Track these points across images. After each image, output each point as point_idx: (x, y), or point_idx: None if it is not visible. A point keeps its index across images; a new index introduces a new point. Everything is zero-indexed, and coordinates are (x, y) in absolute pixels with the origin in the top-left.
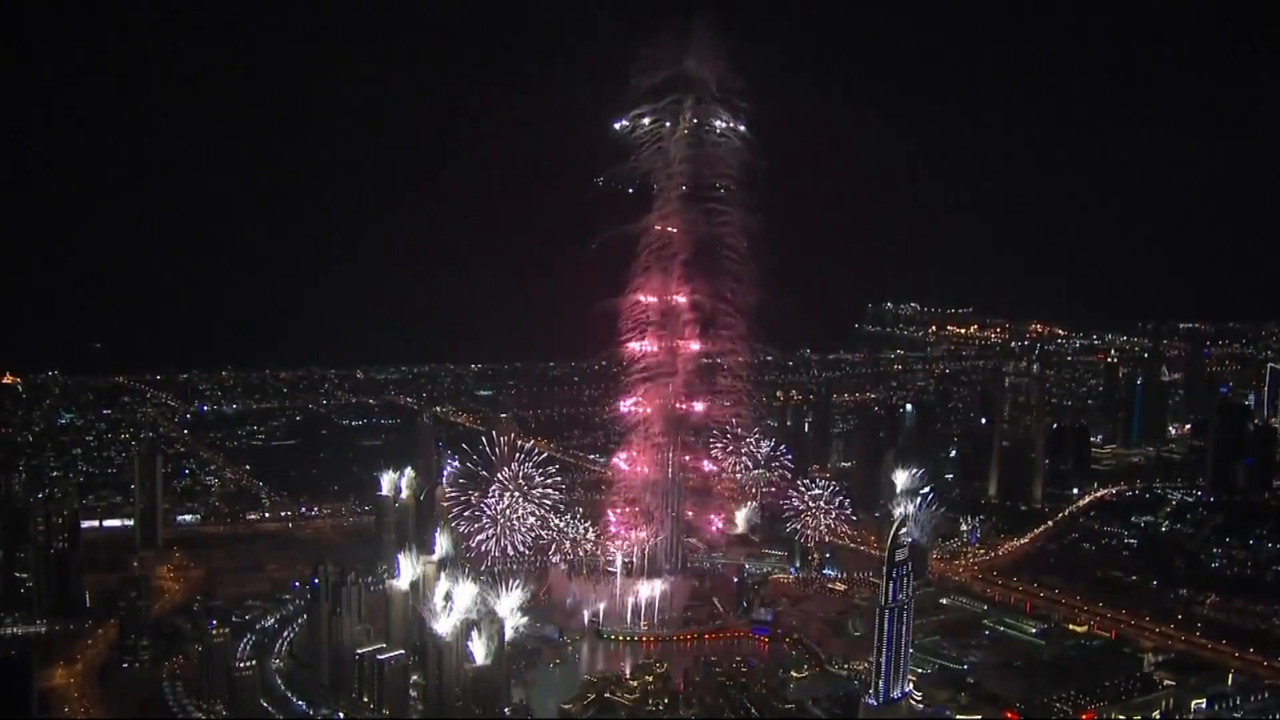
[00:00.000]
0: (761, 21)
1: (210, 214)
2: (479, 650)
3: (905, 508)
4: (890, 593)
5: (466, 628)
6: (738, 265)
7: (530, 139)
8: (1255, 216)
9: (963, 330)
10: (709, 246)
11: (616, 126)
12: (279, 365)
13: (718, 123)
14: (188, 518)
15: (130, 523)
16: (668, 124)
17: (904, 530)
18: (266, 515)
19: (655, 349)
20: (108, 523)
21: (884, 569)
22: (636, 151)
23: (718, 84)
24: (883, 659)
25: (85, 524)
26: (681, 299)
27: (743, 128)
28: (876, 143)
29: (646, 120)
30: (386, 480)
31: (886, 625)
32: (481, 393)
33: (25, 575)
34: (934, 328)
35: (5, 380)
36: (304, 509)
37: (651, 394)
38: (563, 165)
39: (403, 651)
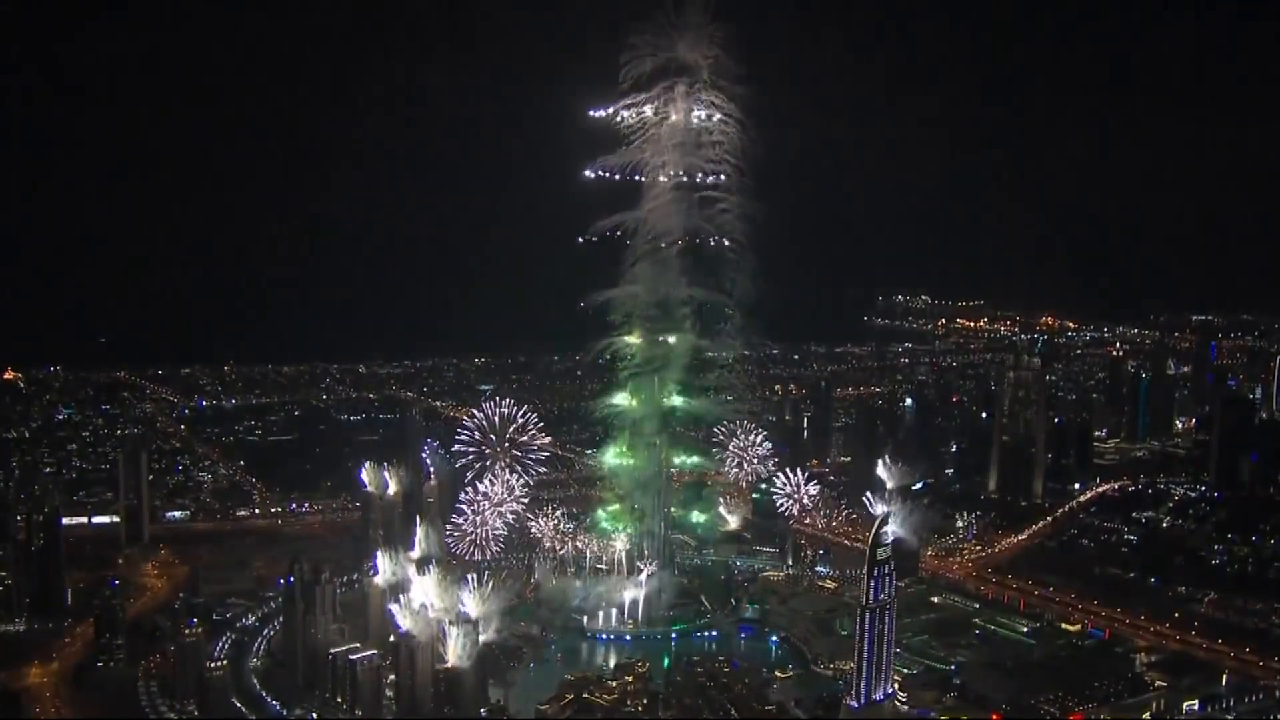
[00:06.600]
0: (769, 6)
1: (215, 210)
2: (453, 650)
3: (889, 504)
4: (872, 592)
5: (441, 627)
6: (737, 256)
7: (526, 133)
8: (1269, 207)
9: (973, 323)
10: (705, 237)
11: (604, 114)
12: (281, 360)
13: (713, 110)
14: (177, 514)
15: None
16: (659, 111)
17: (887, 528)
18: (256, 512)
19: (648, 342)
20: (96, 519)
21: (866, 568)
22: (628, 140)
23: (711, 69)
24: (864, 660)
25: (73, 521)
26: (676, 290)
27: (739, 114)
28: (889, 135)
29: (636, 108)
30: (373, 476)
31: (868, 625)
32: (483, 387)
33: (4, 573)
34: (943, 320)
35: (7, 376)
36: (294, 505)
37: (643, 389)
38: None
39: (376, 651)
